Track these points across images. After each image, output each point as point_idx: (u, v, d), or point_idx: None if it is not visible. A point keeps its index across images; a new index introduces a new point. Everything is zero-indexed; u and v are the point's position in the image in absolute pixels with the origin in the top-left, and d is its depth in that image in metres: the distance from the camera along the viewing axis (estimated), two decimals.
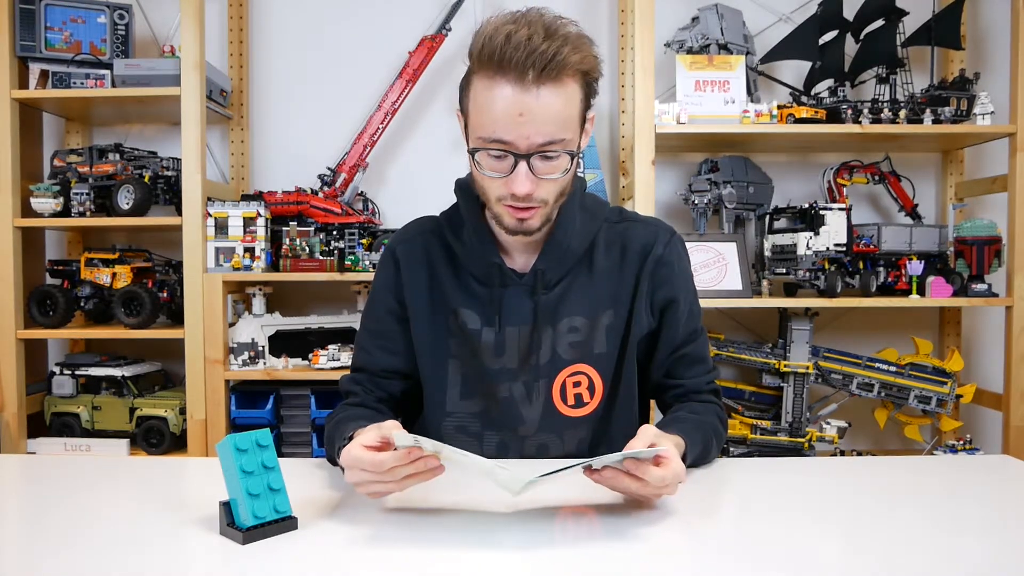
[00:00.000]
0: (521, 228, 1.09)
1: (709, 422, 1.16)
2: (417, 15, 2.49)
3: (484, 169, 1.05)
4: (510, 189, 1.04)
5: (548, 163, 1.04)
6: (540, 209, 1.07)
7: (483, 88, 1.02)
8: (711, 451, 1.14)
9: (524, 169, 1.02)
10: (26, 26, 2.20)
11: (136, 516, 0.90)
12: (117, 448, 2.22)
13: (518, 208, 1.06)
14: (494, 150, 1.03)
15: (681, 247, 1.23)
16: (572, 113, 1.03)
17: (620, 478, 0.89)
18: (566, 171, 1.06)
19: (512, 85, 0.99)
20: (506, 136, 1.01)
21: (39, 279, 2.38)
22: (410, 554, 0.79)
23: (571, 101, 1.03)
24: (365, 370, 1.24)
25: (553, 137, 1.01)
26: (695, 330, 1.23)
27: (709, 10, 2.29)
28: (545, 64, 0.98)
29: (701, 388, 1.23)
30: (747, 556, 0.78)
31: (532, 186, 1.03)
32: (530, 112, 0.99)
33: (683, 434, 1.06)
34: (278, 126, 2.56)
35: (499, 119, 1.01)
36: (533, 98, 0.99)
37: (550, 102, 1.00)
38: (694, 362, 1.22)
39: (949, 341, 2.52)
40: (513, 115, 1.00)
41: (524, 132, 1.00)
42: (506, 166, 1.03)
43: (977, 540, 0.82)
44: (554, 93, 1.00)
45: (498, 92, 1.00)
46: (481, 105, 1.03)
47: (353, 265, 2.24)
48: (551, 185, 1.06)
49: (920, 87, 2.29)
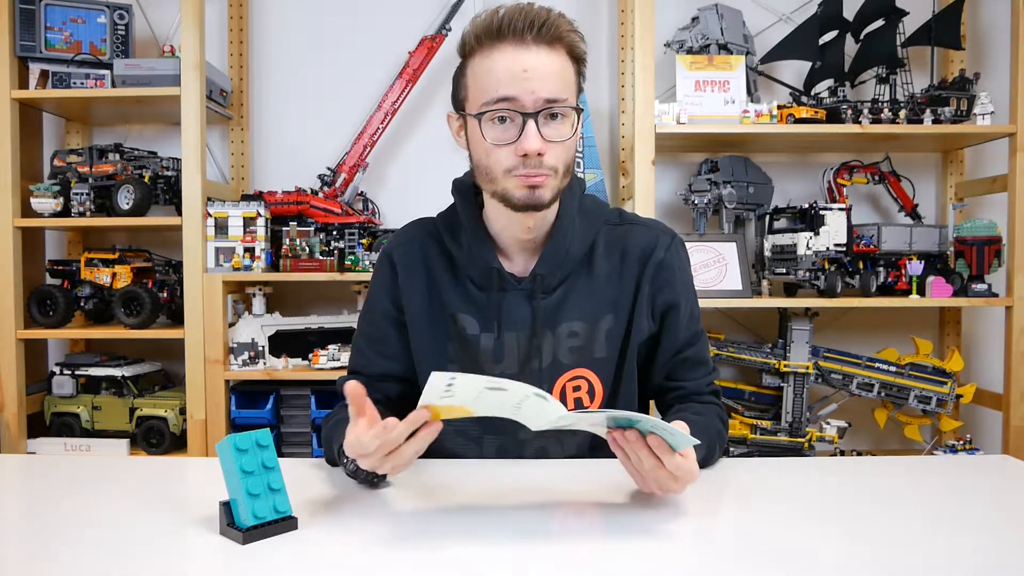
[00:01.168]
0: (532, 199, 1.06)
1: (712, 424, 1.15)
2: (417, 15, 2.49)
3: (490, 139, 1.04)
4: (521, 150, 1.02)
5: (554, 124, 1.04)
6: (550, 178, 1.06)
7: (482, 61, 1.04)
8: (715, 453, 1.13)
9: (533, 127, 1.02)
10: (26, 26, 2.20)
11: (136, 516, 0.90)
12: (117, 448, 2.22)
13: (529, 176, 1.04)
14: (500, 111, 1.02)
15: (682, 250, 1.22)
16: (569, 77, 1.06)
17: (642, 448, 0.88)
18: (572, 131, 1.06)
19: (512, 46, 1.02)
20: (511, 92, 1.02)
21: (39, 279, 2.38)
22: (410, 554, 0.79)
23: (566, 67, 1.05)
24: (361, 374, 1.23)
25: (558, 94, 1.03)
26: (696, 333, 1.22)
27: (709, 10, 2.29)
28: (541, 24, 1.01)
29: (702, 390, 1.22)
30: (747, 556, 0.78)
31: (542, 144, 1.03)
32: (533, 68, 1.01)
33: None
34: (278, 126, 2.57)
35: (503, 78, 1.02)
36: (534, 56, 1.02)
37: (550, 61, 1.03)
38: (695, 364, 1.22)
39: (949, 341, 2.52)
40: (517, 72, 1.01)
41: (529, 87, 1.01)
42: (513, 130, 1.03)
43: (977, 540, 0.82)
44: (552, 55, 1.03)
45: (498, 56, 1.02)
46: (481, 76, 1.04)
47: (353, 265, 2.24)
48: (559, 149, 1.05)
49: (920, 87, 2.30)
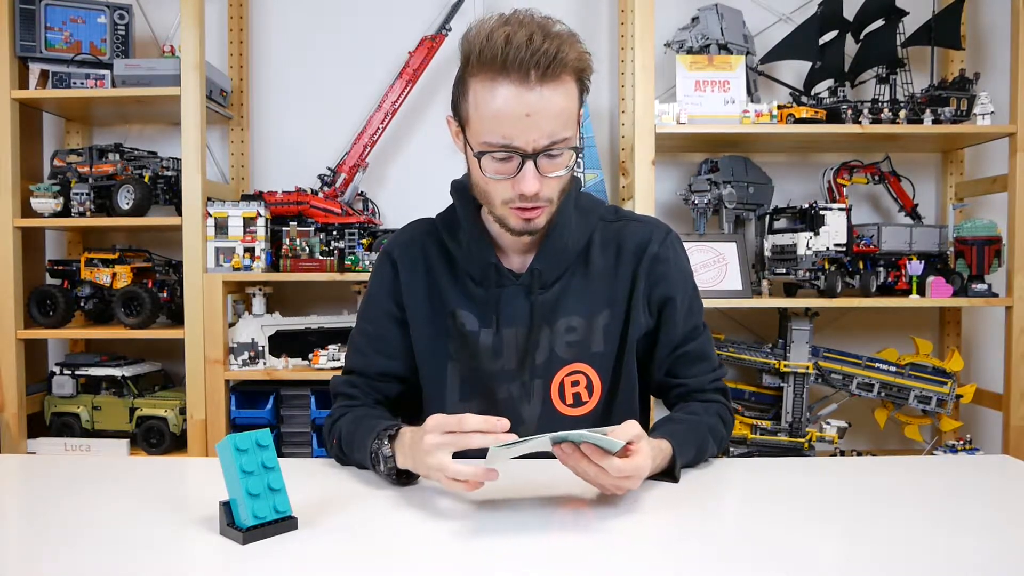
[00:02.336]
0: (528, 228, 1.09)
1: (705, 422, 1.15)
2: (417, 15, 2.49)
3: (489, 173, 1.05)
4: (518, 190, 1.03)
5: (553, 161, 1.04)
6: (546, 208, 1.08)
7: (484, 91, 1.01)
8: (706, 451, 1.13)
9: (531, 169, 1.02)
10: (26, 26, 2.20)
11: (136, 516, 0.90)
12: (117, 448, 2.22)
13: (525, 208, 1.06)
14: (500, 153, 1.02)
15: (677, 244, 1.23)
16: (572, 110, 1.04)
17: (579, 460, 0.90)
18: (569, 168, 1.06)
19: (516, 86, 0.99)
20: (513, 138, 1.01)
21: (39, 279, 2.38)
22: (410, 553, 0.79)
23: (570, 98, 1.03)
24: (361, 373, 1.23)
25: (557, 136, 1.02)
26: (695, 327, 1.22)
27: (709, 10, 2.29)
28: (549, 63, 0.98)
29: (704, 387, 1.21)
30: (747, 556, 0.78)
31: (539, 185, 1.03)
32: (535, 112, 0.99)
33: (672, 437, 1.05)
34: (278, 126, 2.56)
35: (505, 121, 1.00)
36: (537, 97, 0.99)
37: (553, 101, 1.00)
38: (696, 360, 1.21)
39: (949, 341, 2.52)
40: (520, 116, 0.99)
41: (531, 134, 1.00)
42: (512, 167, 1.03)
43: (977, 540, 0.82)
44: (555, 92, 1.00)
45: (501, 93, 0.99)
46: (484, 109, 1.02)
47: (353, 265, 2.24)
48: (555, 183, 1.06)
49: (920, 87, 2.29)
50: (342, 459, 1.14)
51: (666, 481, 1.03)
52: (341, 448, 1.13)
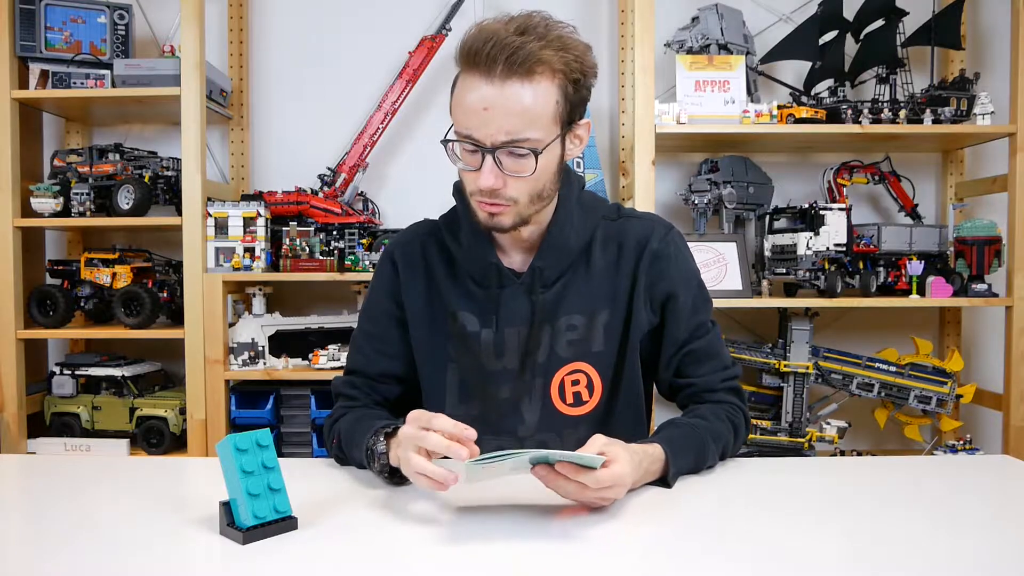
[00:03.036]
0: (491, 224, 1.08)
1: (709, 427, 1.10)
2: (417, 15, 2.49)
3: (460, 162, 1.06)
4: (476, 184, 1.04)
5: (516, 160, 1.02)
6: (510, 207, 1.06)
7: (460, 83, 1.03)
8: (706, 458, 1.08)
9: (489, 163, 1.02)
10: (26, 26, 2.20)
11: (136, 516, 0.90)
12: (117, 448, 2.22)
13: (486, 203, 1.05)
14: (465, 143, 1.03)
15: (679, 241, 1.21)
16: (542, 112, 1.01)
17: (556, 480, 0.88)
18: (534, 171, 1.03)
19: (481, 77, 0.99)
20: (472, 130, 1.01)
21: (39, 279, 2.38)
22: (409, 553, 0.79)
23: (542, 99, 1.00)
24: (362, 374, 1.23)
25: (516, 135, 1.00)
26: (701, 324, 1.19)
27: (709, 10, 2.29)
28: (509, 55, 0.97)
29: (715, 386, 1.18)
30: (747, 556, 0.78)
31: (497, 181, 1.02)
32: (493, 106, 0.99)
33: (667, 443, 1.02)
34: (278, 126, 2.56)
35: (467, 112, 1.01)
36: (498, 91, 0.98)
37: (516, 97, 0.98)
38: (704, 359, 1.18)
39: (949, 341, 2.52)
40: (478, 109, 0.99)
41: (488, 128, 1.00)
42: (476, 160, 1.03)
43: (977, 540, 0.82)
44: (522, 88, 0.99)
45: (469, 85, 1.00)
46: (456, 98, 1.04)
47: (353, 265, 2.24)
48: (520, 183, 1.04)
49: (920, 87, 2.29)
50: (341, 459, 1.13)
51: (659, 486, 1.01)
52: (341, 447, 1.13)
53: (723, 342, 1.23)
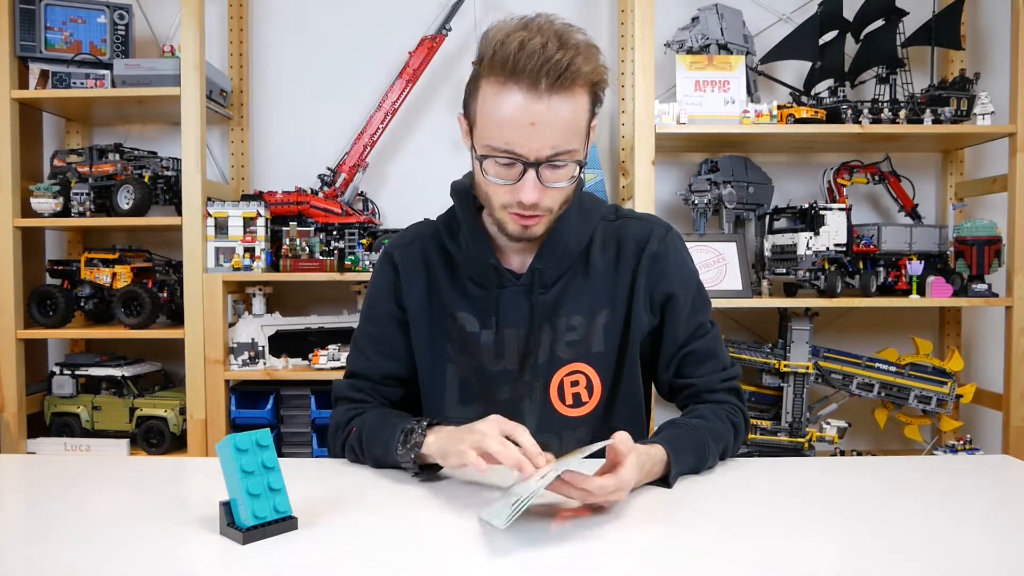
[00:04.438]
0: (525, 235, 1.09)
1: (710, 427, 1.10)
2: (417, 15, 2.49)
3: (491, 176, 1.05)
4: (517, 197, 1.03)
5: (555, 172, 1.03)
6: (545, 217, 1.08)
7: (492, 94, 1.01)
8: (707, 458, 1.07)
9: (532, 178, 1.02)
10: (26, 26, 2.20)
11: (136, 516, 0.90)
12: (117, 448, 2.22)
13: (524, 216, 1.06)
14: (503, 158, 1.02)
15: (678, 241, 1.21)
16: (580, 123, 1.03)
17: (560, 487, 0.89)
18: (572, 179, 1.06)
19: (524, 93, 0.98)
20: (516, 145, 1.00)
21: (39, 279, 2.38)
22: (409, 554, 0.79)
23: (580, 111, 1.02)
24: (365, 377, 1.22)
25: (562, 148, 1.01)
26: (701, 325, 1.19)
27: (709, 10, 2.29)
28: (560, 74, 0.97)
29: (714, 387, 1.18)
30: (747, 556, 0.78)
31: (539, 195, 1.03)
32: (541, 122, 0.99)
33: (668, 444, 1.02)
34: (278, 126, 2.56)
35: (509, 127, 1.00)
36: (544, 106, 0.98)
37: (561, 111, 0.99)
38: (703, 359, 1.18)
39: (949, 341, 2.52)
40: (524, 124, 0.99)
41: (534, 143, 1.00)
42: (514, 174, 1.03)
43: (977, 540, 0.82)
44: (564, 103, 1.00)
45: (508, 99, 0.99)
46: (490, 112, 1.01)
47: (353, 265, 2.24)
48: (557, 193, 1.06)
49: (920, 87, 2.29)
50: (355, 452, 1.12)
51: (659, 486, 1.01)
52: (361, 439, 1.11)
53: (722, 343, 1.23)
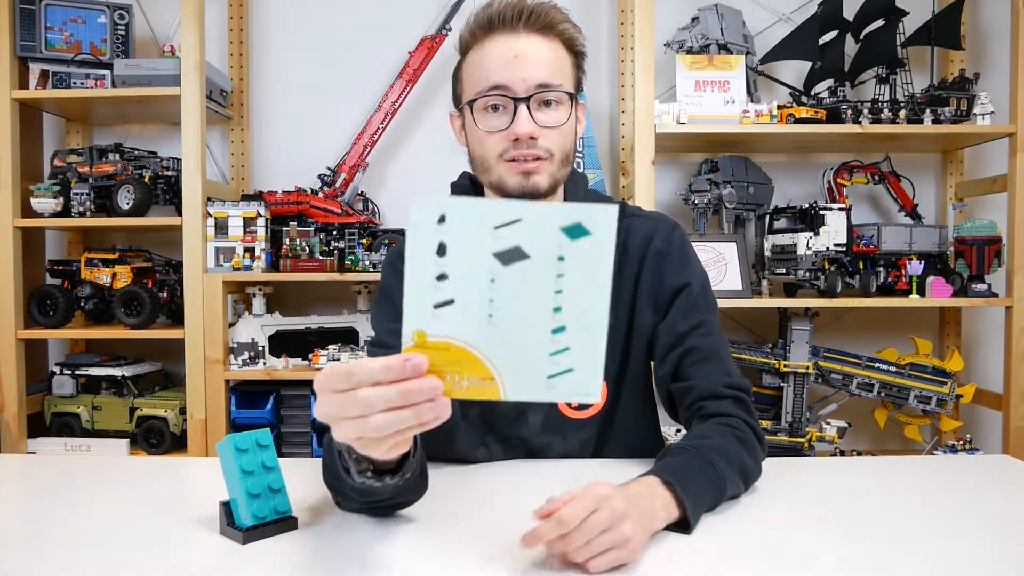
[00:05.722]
0: (528, 186, 1.04)
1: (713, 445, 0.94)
2: (417, 15, 2.49)
3: (482, 126, 1.05)
4: (513, 134, 1.02)
5: (547, 110, 1.04)
6: (546, 162, 1.05)
7: (475, 53, 1.06)
8: (725, 489, 0.90)
9: (524, 111, 1.02)
10: (26, 26, 2.20)
11: (136, 516, 0.90)
12: (117, 448, 2.22)
13: (523, 161, 1.03)
14: (492, 97, 1.03)
15: (684, 239, 1.17)
16: (564, 64, 1.06)
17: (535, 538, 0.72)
18: (567, 117, 1.06)
19: (504, 35, 1.04)
20: (502, 79, 1.02)
21: (39, 279, 2.38)
22: (410, 554, 0.79)
23: (560, 56, 1.06)
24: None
25: (550, 79, 1.03)
26: (703, 322, 1.10)
27: (709, 10, 2.29)
28: (537, 17, 1.03)
29: (718, 392, 1.04)
30: (746, 556, 0.78)
31: (534, 127, 1.03)
32: (523, 53, 1.02)
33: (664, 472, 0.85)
34: (278, 126, 2.56)
35: (493, 66, 1.03)
36: (525, 41, 1.03)
37: (541, 49, 1.04)
38: (704, 359, 1.08)
39: (949, 341, 2.52)
40: (508, 58, 1.02)
41: (520, 73, 1.02)
42: (506, 117, 1.03)
43: (977, 540, 0.82)
44: (544, 43, 1.04)
45: (490, 46, 1.04)
46: (474, 67, 1.06)
47: (353, 265, 2.24)
48: (554, 134, 1.05)
49: (920, 87, 2.29)
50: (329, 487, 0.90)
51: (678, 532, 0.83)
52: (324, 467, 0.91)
53: (728, 351, 1.12)
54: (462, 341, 0.59)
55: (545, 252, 0.58)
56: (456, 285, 0.57)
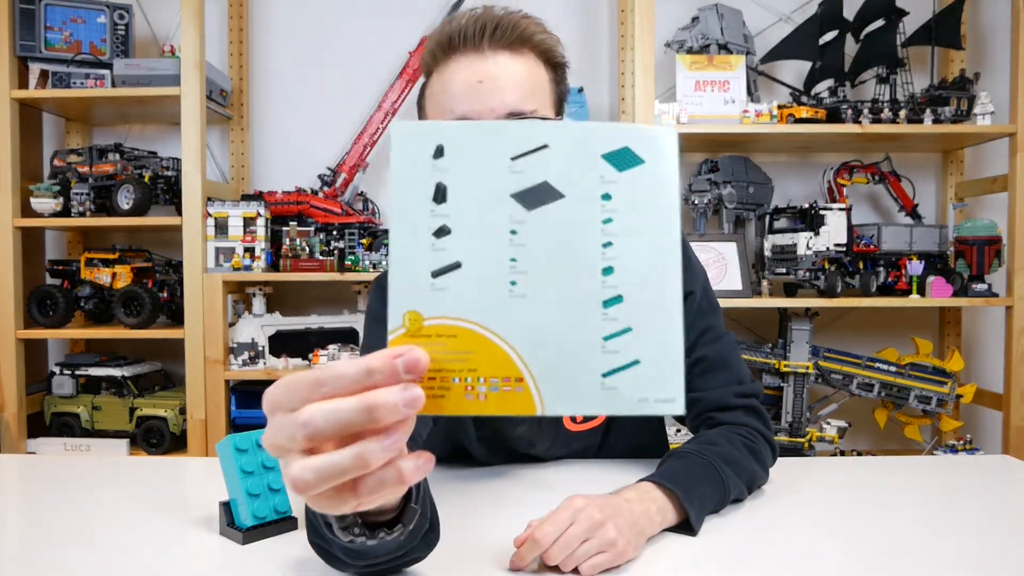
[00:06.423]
0: None
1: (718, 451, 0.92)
2: (417, 15, 2.49)
3: None
4: None
5: None
6: None
7: (438, 79, 0.92)
8: (728, 492, 0.89)
9: None
10: (26, 26, 2.20)
11: (136, 516, 0.90)
12: (117, 448, 2.22)
13: None
14: None
15: (683, 241, 1.16)
16: (539, 84, 0.92)
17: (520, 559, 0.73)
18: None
19: (467, 56, 0.89)
20: (467, 109, 0.88)
21: (39, 279, 2.38)
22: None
23: (536, 73, 0.91)
24: None
25: (521, 105, 0.89)
26: (709, 328, 1.05)
27: (709, 10, 2.29)
28: (496, 27, 0.88)
29: (728, 403, 1.00)
30: (746, 556, 0.78)
31: None
32: (491, 77, 0.88)
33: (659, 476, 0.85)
34: (278, 126, 2.56)
35: (457, 95, 0.89)
36: (491, 64, 0.88)
37: (511, 69, 0.89)
38: (713, 368, 1.03)
39: (949, 341, 2.52)
40: (472, 83, 0.88)
41: (488, 102, 0.88)
42: None
43: (977, 540, 0.82)
44: (514, 61, 0.90)
45: (452, 69, 0.90)
46: (437, 95, 0.92)
47: (353, 265, 2.24)
48: None
49: (920, 87, 2.29)
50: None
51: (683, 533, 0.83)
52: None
53: (739, 354, 1.07)
54: (475, 323, 0.41)
55: (584, 189, 0.41)
56: (462, 242, 0.41)
